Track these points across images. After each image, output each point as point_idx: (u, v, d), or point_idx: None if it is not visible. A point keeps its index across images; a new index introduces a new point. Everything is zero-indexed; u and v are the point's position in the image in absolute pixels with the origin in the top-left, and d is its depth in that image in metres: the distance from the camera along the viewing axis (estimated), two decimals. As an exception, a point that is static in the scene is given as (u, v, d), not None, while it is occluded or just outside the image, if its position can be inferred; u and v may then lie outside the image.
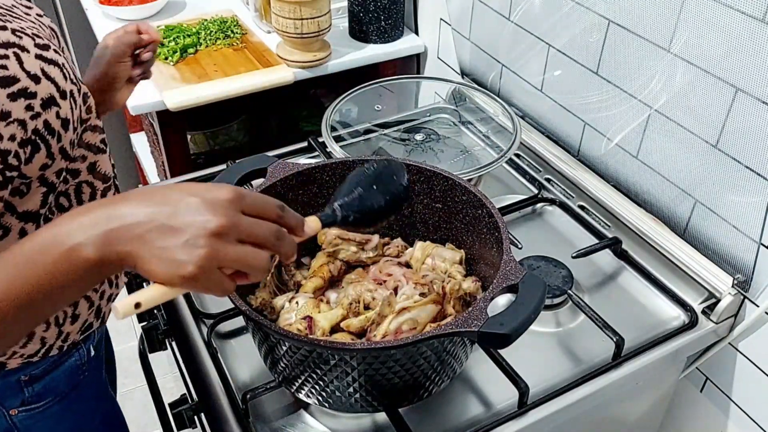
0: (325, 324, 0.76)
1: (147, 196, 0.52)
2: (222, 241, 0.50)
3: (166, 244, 0.49)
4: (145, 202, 0.51)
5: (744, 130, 0.83)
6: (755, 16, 0.77)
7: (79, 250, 0.49)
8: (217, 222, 0.50)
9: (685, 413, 1.05)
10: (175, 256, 0.49)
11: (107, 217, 0.50)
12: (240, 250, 0.51)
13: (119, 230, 0.50)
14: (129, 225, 0.50)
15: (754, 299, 0.89)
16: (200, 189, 0.52)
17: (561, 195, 1.10)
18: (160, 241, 0.50)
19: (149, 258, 0.50)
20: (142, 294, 0.51)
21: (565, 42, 1.07)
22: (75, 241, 0.49)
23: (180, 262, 0.49)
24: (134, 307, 0.51)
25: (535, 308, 0.64)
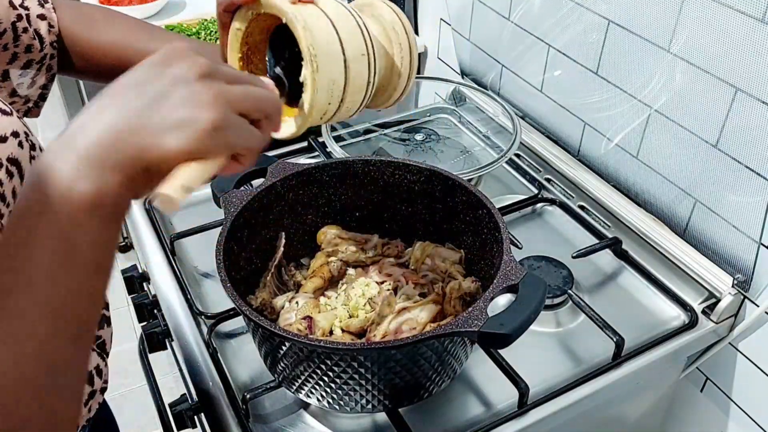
0: (325, 324, 0.76)
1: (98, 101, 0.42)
2: (216, 80, 0.42)
3: (163, 113, 0.40)
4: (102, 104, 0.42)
5: (744, 130, 0.83)
6: (755, 16, 0.77)
7: (72, 198, 0.40)
8: (197, 63, 0.42)
9: (685, 413, 1.05)
10: (183, 114, 0.40)
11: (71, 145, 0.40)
12: (239, 87, 0.43)
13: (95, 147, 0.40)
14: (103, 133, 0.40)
15: (754, 299, 0.89)
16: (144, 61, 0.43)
17: (561, 195, 1.10)
18: (156, 116, 0.40)
19: (157, 139, 0.40)
20: (179, 174, 0.41)
21: (565, 42, 1.07)
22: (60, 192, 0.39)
23: (192, 116, 0.40)
24: (183, 190, 0.41)
25: (535, 308, 0.64)
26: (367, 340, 0.75)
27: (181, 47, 0.43)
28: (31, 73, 0.71)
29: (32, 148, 0.58)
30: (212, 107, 0.41)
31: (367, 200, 0.88)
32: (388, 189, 0.87)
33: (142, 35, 0.76)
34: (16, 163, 0.55)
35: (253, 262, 0.81)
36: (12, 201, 0.54)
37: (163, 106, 0.40)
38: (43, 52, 0.71)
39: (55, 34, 0.72)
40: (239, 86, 0.44)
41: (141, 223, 1.04)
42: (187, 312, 0.90)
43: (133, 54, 0.75)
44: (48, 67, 0.73)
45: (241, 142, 0.43)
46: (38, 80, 0.73)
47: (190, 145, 0.40)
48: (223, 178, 0.81)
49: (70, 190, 0.39)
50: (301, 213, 0.86)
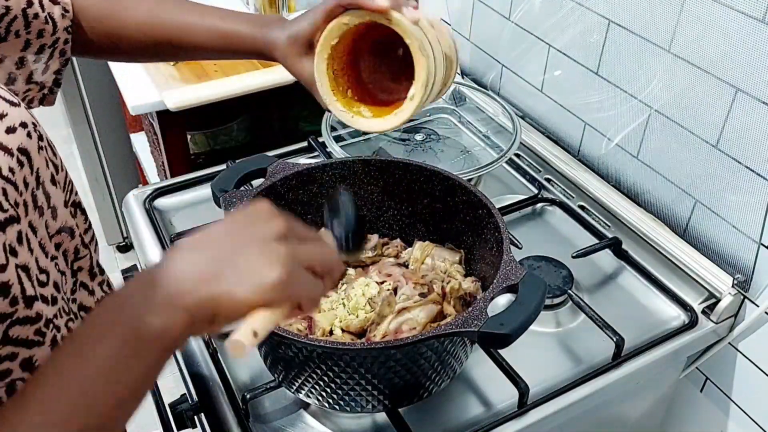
0: (325, 324, 0.76)
1: (186, 243, 0.47)
2: (289, 241, 0.47)
3: (238, 266, 0.45)
4: (188, 248, 0.47)
5: (744, 130, 0.83)
6: (755, 16, 0.77)
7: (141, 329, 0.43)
8: (277, 225, 0.47)
9: (685, 413, 1.05)
10: (253, 269, 0.45)
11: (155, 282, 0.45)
12: (309, 246, 0.49)
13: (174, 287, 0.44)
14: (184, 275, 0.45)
15: (754, 299, 0.89)
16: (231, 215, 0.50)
17: (561, 195, 1.09)
18: (232, 268, 0.45)
19: (228, 288, 0.44)
20: (251, 321, 0.45)
21: (565, 42, 1.07)
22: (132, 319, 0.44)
23: (262, 271, 0.45)
24: (253, 336, 0.45)
25: (535, 308, 0.64)
26: (367, 340, 0.75)
27: (265, 206, 0.49)
28: (44, 59, 0.71)
29: (40, 138, 0.58)
30: (282, 264, 0.45)
31: (367, 200, 0.88)
32: (388, 189, 0.87)
33: (166, 8, 0.76)
34: (25, 153, 0.55)
35: (253, 262, 0.81)
36: (24, 190, 0.54)
37: (239, 261, 0.45)
38: (55, 36, 0.71)
39: (70, 18, 0.72)
40: (309, 245, 0.49)
41: (141, 223, 1.04)
42: (187, 312, 0.90)
43: (162, 29, 0.75)
44: (61, 52, 0.73)
45: (304, 294, 0.48)
46: (52, 65, 0.73)
47: (257, 296, 0.45)
48: (223, 179, 0.81)
49: (140, 321, 0.44)
50: (300, 213, 0.86)
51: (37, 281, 0.54)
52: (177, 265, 0.46)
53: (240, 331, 0.45)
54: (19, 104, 0.55)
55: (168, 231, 1.03)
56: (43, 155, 0.59)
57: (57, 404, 0.43)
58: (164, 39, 0.76)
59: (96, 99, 1.98)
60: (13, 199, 0.51)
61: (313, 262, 0.48)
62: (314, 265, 0.49)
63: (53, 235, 0.60)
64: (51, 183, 0.60)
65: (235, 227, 0.48)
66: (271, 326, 0.46)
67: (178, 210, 1.09)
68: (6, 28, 0.66)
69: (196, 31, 0.75)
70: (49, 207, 0.59)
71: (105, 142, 2.07)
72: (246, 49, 0.75)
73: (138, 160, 1.94)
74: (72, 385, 0.43)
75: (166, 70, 1.43)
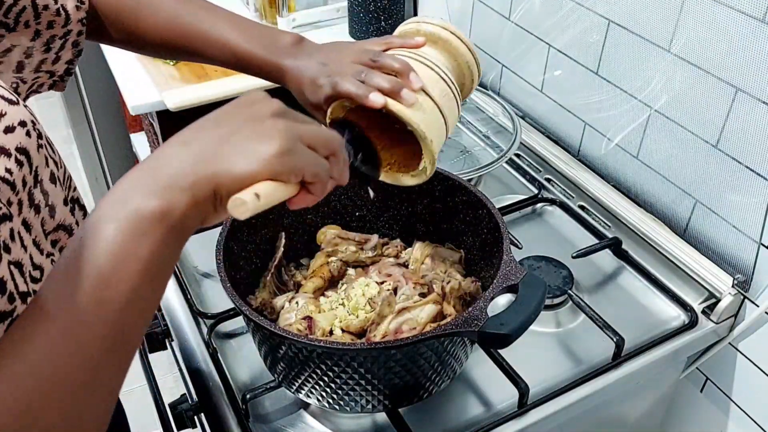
0: (325, 324, 0.76)
1: (180, 133, 0.47)
2: (287, 118, 0.47)
3: (237, 141, 0.45)
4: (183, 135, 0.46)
5: (744, 130, 0.83)
6: (755, 16, 0.77)
7: (141, 211, 0.43)
8: (272, 103, 0.48)
9: (685, 413, 1.05)
10: (252, 142, 0.45)
11: (155, 164, 0.45)
12: (308, 125, 0.48)
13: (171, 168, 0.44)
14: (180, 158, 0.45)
15: (754, 299, 0.89)
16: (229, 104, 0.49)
17: (561, 195, 1.09)
18: (229, 146, 0.45)
19: (229, 163, 0.44)
20: (257, 186, 0.44)
21: (565, 42, 1.07)
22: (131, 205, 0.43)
23: (261, 143, 0.44)
24: (255, 197, 0.44)
25: (536, 308, 0.64)
26: (367, 340, 0.75)
27: (259, 93, 0.49)
28: (55, 49, 0.71)
29: (39, 136, 0.58)
30: (280, 136, 0.45)
31: (367, 200, 0.88)
32: (388, 189, 0.87)
33: (186, 13, 0.76)
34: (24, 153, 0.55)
35: (253, 262, 0.81)
36: (21, 189, 0.54)
37: (235, 138, 0.45)
38: (68, 27, 0.71)
39: (85, 10, 0.72)
40: (309, 125, 0.48)
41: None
42: (187, 312, 0.90)
43: (179, 36, 0.76)
44: (74, 43, 0.73)
45: (308, 168, 0.47)
46: (63, 56, 0.73)
47: (258, 168, 0.44)
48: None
49: (141, 204, 0.43)
50: (300, 213, 0.86)
51: (30, 277, 0.54)
52: (173, 152, 0.45)
53: (244, 191, 0.44)
54: (18, 102, 0.55)
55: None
56: (43, 153, 0.59)
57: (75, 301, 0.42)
58: (180, 45, 0.77)
59: (96, 99, 1.98)
60: (6, 198, 0.51)
61: (313, 140, 0.48)
62: (315, 144, 0.48)
63: (50, 233, 0.60)
64: (50, 181, 0.60)
65: (228, 112, 0.48)
66: (276, 195, 0.45)
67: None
68: (15, 18, 0.66)
69: (212, 45, 0.75)
70: (46, 205, 0.59)
71: (105, 142, 2.07)
72: (256, 73, 0.76)
73: (138, 160, 1.94)
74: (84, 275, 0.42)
75: (166, 70, 1.43)
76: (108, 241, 0.43)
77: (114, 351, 0.44)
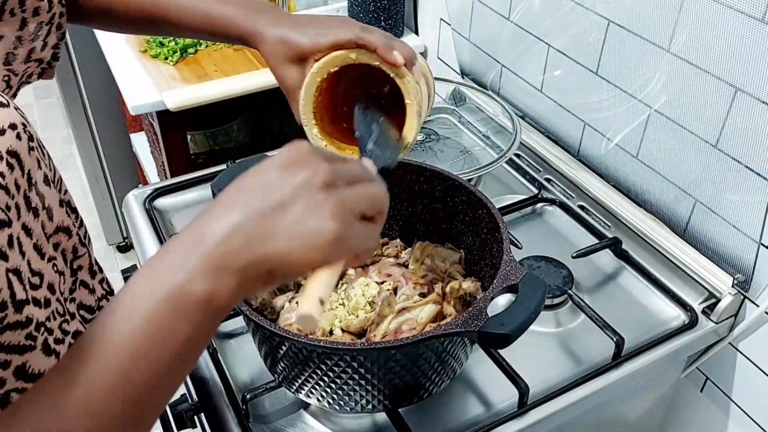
0: (325, 324, 0.76)
1: (224, 199, 0.44)
2: (336, 187, 0.44)
3: (288, 222, 0.42)
4: (229, 203, 0.43)
5: (744, 130, 0.83)
6: (755, 16, 0.77)
7: (186, 292, 0.41)
8: (320, 170, 0.43)
9: (685, 413, 1.05)
10: (308, 225, 0.42)
11: (196, 241, 0.42)
12: (357, 189, 0.45)
13: (220, 247, 0.41)
14: (229, 235, 0.42)
15: (754, 299, 0.89)
16: (268, 162, 0.45)
17: (561, 195, 1.09)
18: (279, 225, 0.42)
19: (280, 250, 0.41)
20: (312, 288, 0.44)
21: (565, 42, 1.07)
22: (175, 283, 0.41)
23: (317, 228, 0.42)
24: (320, 305, 0.44)
25: (535, 308, 0.64)
26: (367, 340, 0.75)
27: (304, 149, 0.45)
28: (42, 35, 0.71)
29: (30, 139, 0.57)
30: (335, 218, 0.42)
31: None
32: (388, 189, 0.86)
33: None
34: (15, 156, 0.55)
35: (253, 262, 0.81)
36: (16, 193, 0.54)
37: (288, 214, 0.42)
38: (52, 12, 0.71)
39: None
40: (357, 188, 0.46)
41: (141, 223, 1.04)
42: (187, 312, 0.90)
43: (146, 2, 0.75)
44: (58, 26, 0.72)
45: (362, 246, 0.45)
46: (50, 40, 0.72)
47: (317, 257, 0.42)
48: (223, 179, 0.81)
49: (187, 285, 0.41)
50: (301, 213, 0.86)
51: (29, 284, 0.54)
52: (220, 224, 0.42)
53: (306, 302, 0.43)
54: (9, 104, 0.55)
55: (168, 231, 1.03)
56: (35, 156, 0.58)
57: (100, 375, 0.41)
58: (154, 15, 0.76)
59: (96, 99, 1.98)
60: (4, 203, 0.50)
61: (364, 207, 0.45)
62: (366, 209, 0.46)
63: (51, 236, 0.60)
64: (44, 183, 0.59)
65: (275, 177, 0.44)
66: (334, 283, 0.45)
67: (178, 210, 1.09)
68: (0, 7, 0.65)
69: (187, 12, 0.74)
70: (44, 208, 0.58)
71: (105, 142, 2.07)
72: (231, 34, 0.74)
73: (138, 160, 1.94)
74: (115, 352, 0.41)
75: (166, 70, 1.43)
76: (146, 319, 0.41)
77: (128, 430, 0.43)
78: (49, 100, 3.21)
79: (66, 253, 0.61)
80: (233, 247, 0.42)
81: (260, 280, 0.43)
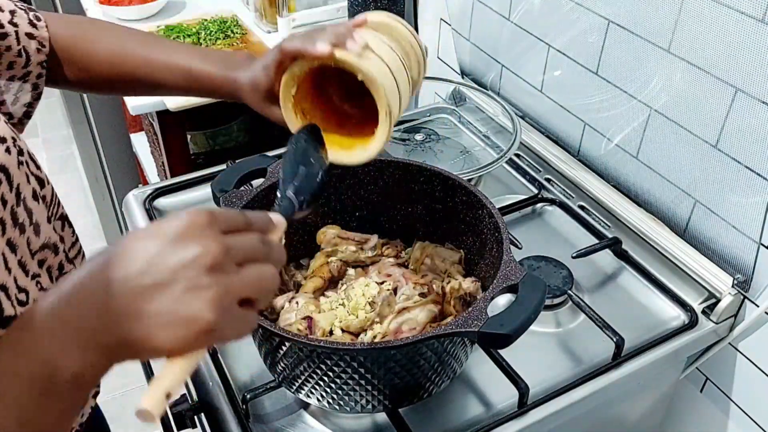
0: (325, 324, 0.76)
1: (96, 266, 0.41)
2: (224, 271, 0.41)
3: (163, 304, 0.39)
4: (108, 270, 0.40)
5: (744, 130, 0.83)
6: (755, 16, 0.77)
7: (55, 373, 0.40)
8: (209, 251, 0.40)
9: (685, 413, 1.05)
10: (183, 311, 0.39)
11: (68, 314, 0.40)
12: (246, 273, 0.42)
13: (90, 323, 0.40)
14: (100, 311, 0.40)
15: (754, 299, 0.89)
16: (160, 227, 0.41)
17: (561, 195, 1.10)
18: (155, 305, 0.39)
19: (150, 332, 0.39)
20: (164, 379, 0.41)
21: (565, 42, 1.07)
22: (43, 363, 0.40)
23: (192, 316, 0.39)
24: (166, 398, 0.40)
25: (535, 308, 0.64)
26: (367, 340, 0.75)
27: (201, 221, 0.42)
28: (13, 89, 0.71)
29: (20, 153, 0.57)
30: (213, 307, 0.40)
31: (367, 200, 0.88)
32: (388, 189, 0.87)
33: (134, 42, 0.77)
34: (4, 170, 0.54)
35: (253, 262, 0.81)
36: (2, 208, 0.53)
37: (164, 296, 0.39)
38: (27, 69, 0.71)
39: (45, 53, 0.72)
40: (245, 272, 0.42)
41: (141, 223, 1.05)
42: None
43: (127, 64, 0.76)
44: (34, 86, 0.73)
45: (233, 336, 0.42)
46: (22, 97, 0.72)
47: (181, 346, 0.40)
48: (223, 179, 0.81)
49: (53, 364, 0.40)
50: (301, 213, 0.86)
51: (17, 300, 0.53)
52: (90, 293, 0.40)
53: (150, 395, 0.40)
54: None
55: (168, 231, 1.02)
56: (24, 170, 0.58)
57: None
58: (130, 73, 0.76)
59: (96, 99, 1.98)
60: None
61: (248, 292, 0.42)
62: (249, 295, 0.43)
63: (36, 252, 0.59)
64: (33, 198, 0.59)
65: (163, 249, 0.40)
66: (186, 377, 0.42)
67: (178, 210, 1.09)
68: None
69: (162, 68, 0.75)
70: (31, 224, 0.58)
71: (105, 142, 2.07)
72: (214, 91, 0.75)
73: (138, 160, 1.94)
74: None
75: (166, 70, 1.43)
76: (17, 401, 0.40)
77: None
78: (49, 100, 3.21)
79: (52, 270, 0.60)
80: (104, 323, 0.40)
81: (128, 356, 0.41)
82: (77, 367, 0.40)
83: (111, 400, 1.79)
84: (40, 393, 0.40)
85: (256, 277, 0.43)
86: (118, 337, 0.40)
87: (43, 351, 0.40)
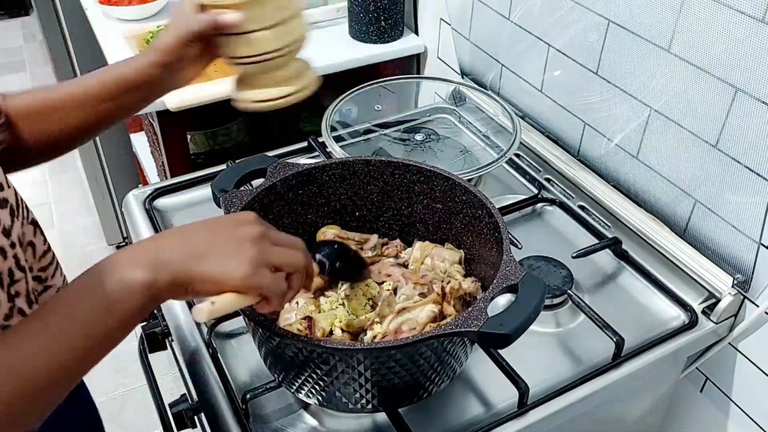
0: (325, 324, 0.76)
1: (179, 230, 0.59)
2: (262, 243, 0.57)
3: (217, 256, 0.55)
4: (185, 235, 0.57)
5: (744, 130, 0.83)
6: (755, 16, 0.77)
7: (132, 275, 0.52)
8: (255, 228, 0.57)
9: (685, 413, 1.05)
10: (227, 261, 0.55)
11: (154, 248, 0.55)
12: (279, 249, 0.59)
13: (166, 254, 0.54)
14: (174, 248, 0.55)
15: (754, 299, 0.89)
16: (225, 216, 0.61)
17: (561, 195, 1.10)
18: (211, 256, 0.55)
19: (204, 270, 0.54)
20: (214, 297, 0.56)
21: (565, 42, 1.07)
22: (126, 268, 0.53)
23: (232, 266, 0.55)
24: (210, 304, 0.56)
25: (535, 308, 0.64)
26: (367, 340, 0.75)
27: (253, 217, 0.60)
28: None
29: None
30: (249, 263, 0.55)
31: (367, 200, 0.88)
32: (388, 189, 0.87)
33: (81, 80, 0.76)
34: None
35: (253, 262, 0.81)
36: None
37: (218, 250, 0.56)
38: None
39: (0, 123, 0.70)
40: (279, 249, 0.59)
41: (141, 223, 1.04)
42: (187, 312, 0.90)
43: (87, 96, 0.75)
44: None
45: (268, 289, 0.57)
46: None
47: (225, 282, 0.55)
48: (223, 179, 0.81)
49: (128, 274, 0.53)
50: (300, 213, 0.86)
51: None
52: (168, 240, 0.57)
53: (204, 302, 0.56)
54: None
55: (168, 231, 1.02)
56: None
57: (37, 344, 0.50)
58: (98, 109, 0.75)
59: (96, 99, 1.97)
60: None
61: (280, 262, 0.58)
62: (281, 266, 0.59)
63: None
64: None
65: (220, 225, 0.58)
66: (232, 305, 0.56)
67: (178, 210, 1.09)
68: None
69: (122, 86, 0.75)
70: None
71: (105, 142, 2.07)
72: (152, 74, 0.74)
73: (138, 160, 1.94)
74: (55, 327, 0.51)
75: (166, 70, 1.43)
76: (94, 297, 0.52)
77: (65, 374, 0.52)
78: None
79: (2, 276, 0.59)
80: (174, 256, 0.55)
81: (183, 287, 0.55)
82: (148, 277, 0.53)
83: (110, 400, 1.80)
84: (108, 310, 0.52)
85: (286, 253, 0.60)
86: (180, 266, 0.54)
87: (118, 267, 0.53)
